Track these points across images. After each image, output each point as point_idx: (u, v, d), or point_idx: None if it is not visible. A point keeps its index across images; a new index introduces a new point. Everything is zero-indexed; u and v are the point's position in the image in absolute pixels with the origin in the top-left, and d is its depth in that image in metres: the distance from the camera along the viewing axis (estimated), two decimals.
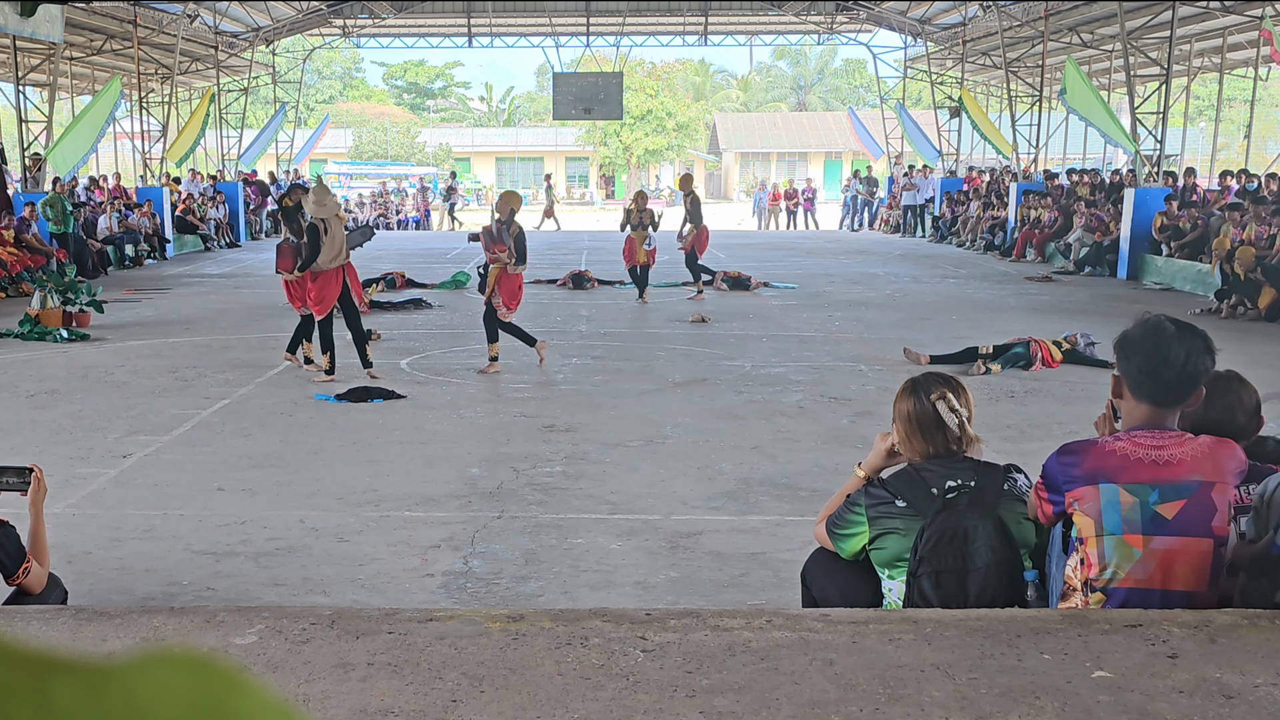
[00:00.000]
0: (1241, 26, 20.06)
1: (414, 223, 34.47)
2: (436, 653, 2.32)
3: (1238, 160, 24.39)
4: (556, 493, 5.57)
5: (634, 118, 50.66)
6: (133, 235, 18.84)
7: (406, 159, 54.24)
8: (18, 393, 8.10)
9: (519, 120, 67.48)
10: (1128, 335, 2.60)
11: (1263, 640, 2.38)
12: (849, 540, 2.87)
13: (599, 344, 10.35)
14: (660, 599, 4.17)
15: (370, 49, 47.93)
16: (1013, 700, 2.11)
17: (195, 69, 26.71)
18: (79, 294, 11.04)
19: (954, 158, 28.10)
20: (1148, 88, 20.25)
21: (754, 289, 14.87)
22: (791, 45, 50.29)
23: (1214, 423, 2.82)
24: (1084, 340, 9.29)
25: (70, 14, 17.94)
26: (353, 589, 4.29)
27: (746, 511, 5.28)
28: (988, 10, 22.92)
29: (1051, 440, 5.33)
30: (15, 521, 3.20)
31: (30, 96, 18.76)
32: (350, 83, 66.92)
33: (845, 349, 10.04)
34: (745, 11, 27.80)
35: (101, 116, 18.33)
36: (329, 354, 8.40)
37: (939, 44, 27.56)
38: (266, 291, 14.67)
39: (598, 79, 27.49)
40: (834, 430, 6.96)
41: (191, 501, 5.42)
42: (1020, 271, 17.66)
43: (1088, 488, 2.57)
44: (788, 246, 23.46)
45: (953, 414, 2.82)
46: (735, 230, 32.19)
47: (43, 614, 2.64)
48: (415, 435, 6.80)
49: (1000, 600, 2.70)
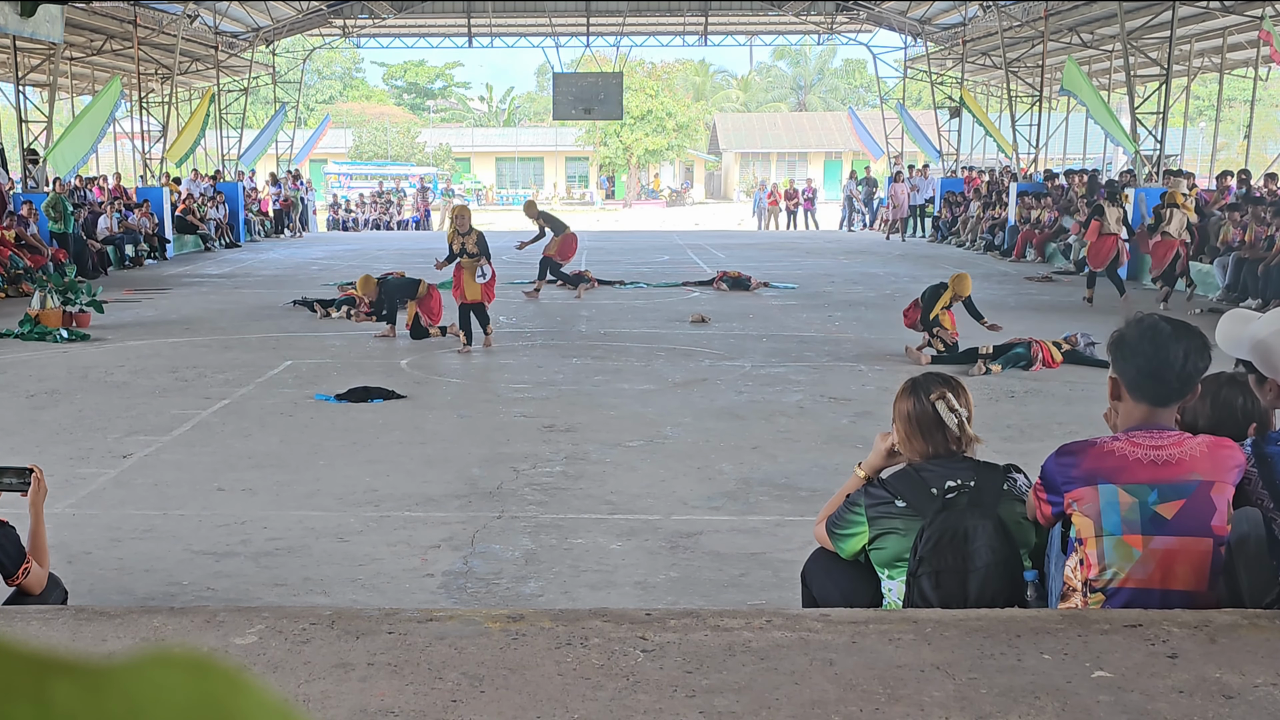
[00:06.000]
0: (1241, 26, 20.05)
1: (414, 223, 34.49)
2: (436, 653, 2.32)
3: (1238, 160, 24.36)
4: (556, 493, 5.57)
5: (634, 118, 50.63)
6: (133, 235, 18.84)
7: (406, 159, 54.21)
8: (18, 393, 8.10)
9: (519, 120, 67.47)
10: (1124, 336, 2.60)
11: (1263, 640, 2.38)
12: (849, 540, 2.87)
13: (599, 344, 10.35)
14: (660, 599, 4.17)
15: (370, 49, 47.98)
16: (1013, 700, 2.11)
17: (195, 69, 26.70)
18: (79, 294, 11.04)
19: (954, 158, 28.10)
20: (1148, 88, 20.24)
21: (754, 289, 14.87)
22: (791, 45, 50.25)
23: (1233, 424, 2.83)
24: (1084, 340, 9.29)
25: (70, 14, 17.94)
26: (353, 589, 4.29)
27: (746, 511, 5.28)
28: (988, 10, 22.92)
29: (1051, 440, 5.34)
30: (15, 522, 3.20)
31: (30, 96, 18.76)
32: (350, 83, 66.89)
33: (845, 349, 10.04)
34: (745, 11, 27.80)
35: (101, 116, 18.33)
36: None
37: (939, 44, 27.56)
38: (266, 291, 14.68)
39: (598, 79, 27.48)
40: (834, 430, 6.96)
41: (191, 501, 5.42)
42: (1020, 271, 17.65)
43: (1087, 488, 2.57)
44: (788, 246, 23.47)
45: (952, 414, 2.82)
46: (735, 230, 32.22)
47: (43, 614, 2.64)
48: (415, 435, 6.80)
49: (1000, 600, 2.70)
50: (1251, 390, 2.93)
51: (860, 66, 58.97)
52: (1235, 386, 2.94)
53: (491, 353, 9.94)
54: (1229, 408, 2.91)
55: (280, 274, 17.48)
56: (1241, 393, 2.93)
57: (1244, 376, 2.96)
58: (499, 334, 10.84)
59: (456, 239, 10.23)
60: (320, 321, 11.89)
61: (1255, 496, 2.61)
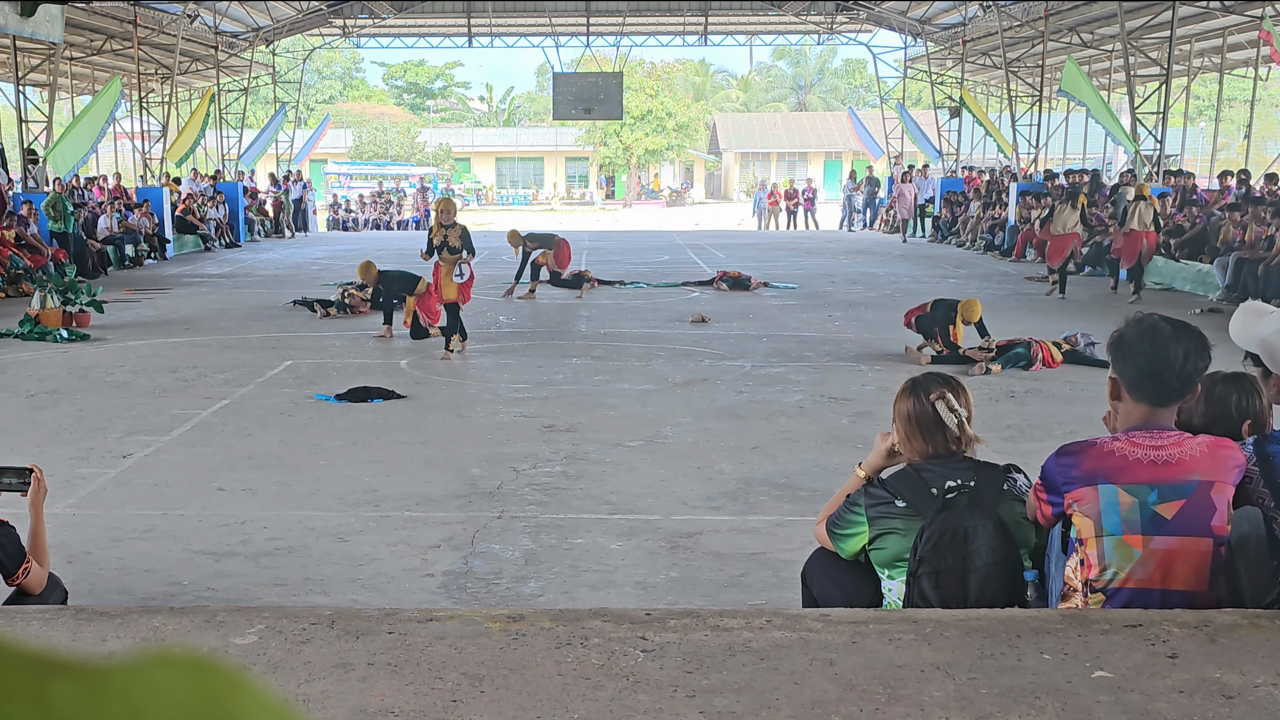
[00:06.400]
0: (1241, 26, 20.06)
1: (414, 223, 34.51)
2: (436, 653, 2.33)
3: (1238, 160, 24.37)
4: (556, 493, 5.57)
5: (634, 118, 50.63)
6: (133, 235, 18.84)
7: (406, 159, 54.22)
8: (18, 393, 8.10)
9: (519, 120, 67.46)
10: (1124, 337, 2.60)
11: (1263, 640, 2.38)
12: (849, 540, 2.87)
13: (599, 344, 10.34)
14: (660, 599, 4.17)
15: (370, 49, 48.04)
16: (1013, 700, 2.11)
17: (195, 69, 26.71)
18: (79, 294, 11.05)
19: (954, 157, 28.10)
20: (1148, 88, 20.26)
21: (754, 289, 14.87)
22: (791, 45, 50.33)
23: (1227, 421, 2.83)
24: (1084, 340, 9.29)
25: (70, 14, 17.94)
26: (353, 589, 4.29)
27: (746, 511, 5.28)
28: (988, 10, 22.92)
29: (1051, 440, 5.34)
30: (15, 522, 3.20)
31: (30, 96, 18.76)
32: (350, 83, 66.90)
33: (845, 349, 10.04)
34: (745, 11, 27.81)
35: (101, 116, 18.34)
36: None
37: (939, 44, 27.56)
38: (266, 291, 14.68)
39: (598, 79, 27.49)
40: (834, 430, 6.96)
41: (191, 501, 5.42)
42: (1020, 271, 17.64)
43: (1087, 489, 2.57)
44: (788, 246, 23.47)
45: (952, 414, 2.82)
46: (735, 230, 32.22)
47: (43, 614, 2.64)
48: (415, 435, 6.80)
49: (1000, 600, 2.70)
50: (1245, 388, 2.94)
51: (860, 66, 59.01)
52: (1230, 384, 2.94)
53: (491, 353, 9.94)
54: (1223, 405, 2.91)
55: (280, 274, 17.48)
56: (1236, 390, 2.94)
57: (1241, 375, 2.96)
58: (499, 333, 10.85)
59: (439, 231, 9.66)
60: (320, 321, 11.89)
61: (1256, 495, 2.62)
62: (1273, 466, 2.59)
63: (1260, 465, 2.60)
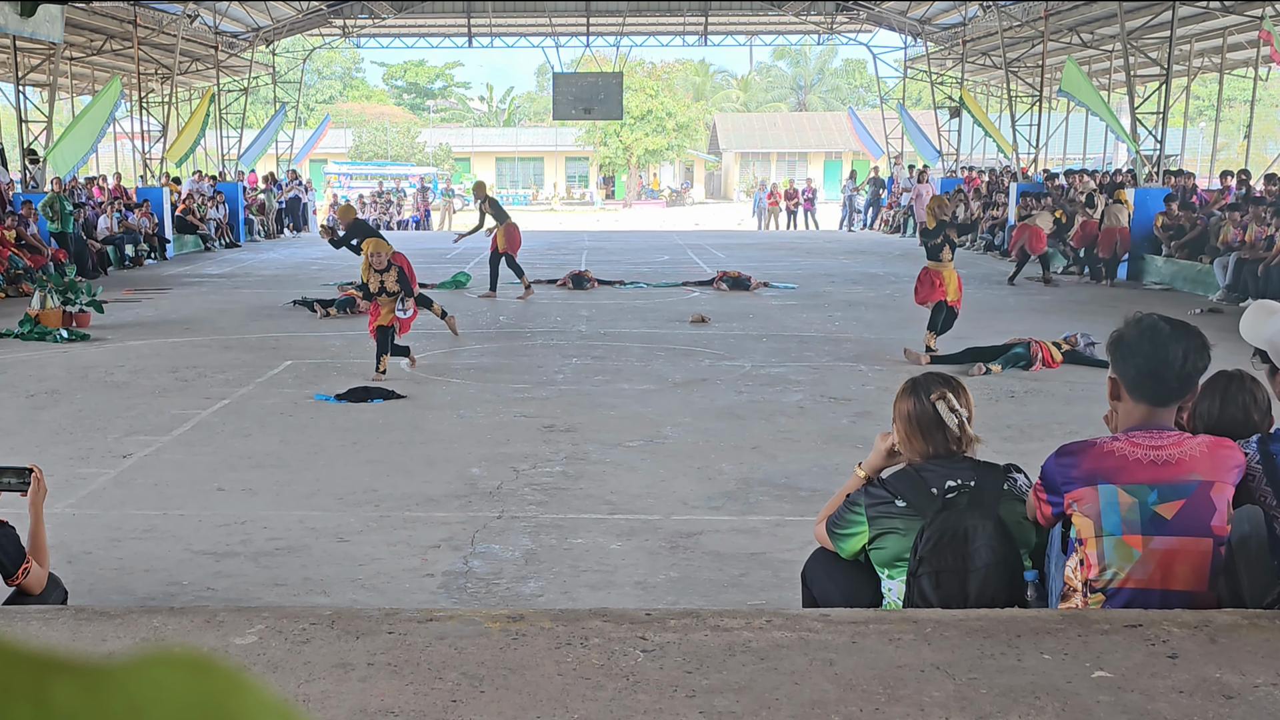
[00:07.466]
0: (1241, 26, 20.06)
1: (414, 223, 34.51)
2: (436, 653, 2.33)
3: (1238, 160, 24.37)
4: (556, 493, 5.57)
5: (634, 118, 50.63)
6: (133, 235, 18.84)
7: (406, 159, 54.22)
8: (18, 393, 8.10)
9: (519, 120, 67.46)
10: (1123, 337, 2.60)
11: (1263, 640, 2.38)
12: (849, 540, 2.87)
13: (599, 344, 10.34)
14: (660, 599, 4.17)
15: (370, 49, 48.00)
16: (1013, 700, 2.11)
17: (195, 69, 26.71)
18: (79, 294, 11.05)
19: (954, 157, 28.10)
20: (1148, 88, 20.24)
21: (754, 289, 14.87)
22: (791, 45, 50.24)
23: (1230, 421, 2.83)
24: (1084, 340, 9.29)
25: (70, 14, 17.94)
26: (353, 589, 4.29)
27: (746, 511, 5.27)
28: (988, 10, 22.92)
29: (1051, 440, 5.34)
30: (15, 522, 3.20)
31: (30, 96, 18.75)
32: (350, 83, 66.90)
33: (845, 349, 10.04)
34: (745, 11, 27.80)
35: (101, 116, 18.33)
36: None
37: (939, 44, 27.56)
38: (266, 291, 14.68)
39: (598, 79, 27.48)
40: (834, 430, 6.96)
41: (191, 501, 5.42)
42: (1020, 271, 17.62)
43: (1086, 489, 2.57)
44: (788, 246, 23.47)
45: (953, 414, 2.82)
46: (735, 230, 32.22)
47: (43, 614, 2.64)
48: (415, 435, 6.80)
49: (1000, 600, 2.70)
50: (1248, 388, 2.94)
51: (860, 66, 59.01)
52: (1239, 384, 2.95)
53: (491, 352, 9.94)
54: (1236, 405, 2.92)
55: (280, 274, 17.48)
56: (1242, 390, 2.94)
57: (1242, 375, 2.97)
58: (499, 333, 10.85)
59: (373, 277, 8.61)
60: (320, 321, 11.90)
61: (1259, 494, 2.62)
62: (1276, 465, 2.59)
63: (1264, 464, 2.61)
